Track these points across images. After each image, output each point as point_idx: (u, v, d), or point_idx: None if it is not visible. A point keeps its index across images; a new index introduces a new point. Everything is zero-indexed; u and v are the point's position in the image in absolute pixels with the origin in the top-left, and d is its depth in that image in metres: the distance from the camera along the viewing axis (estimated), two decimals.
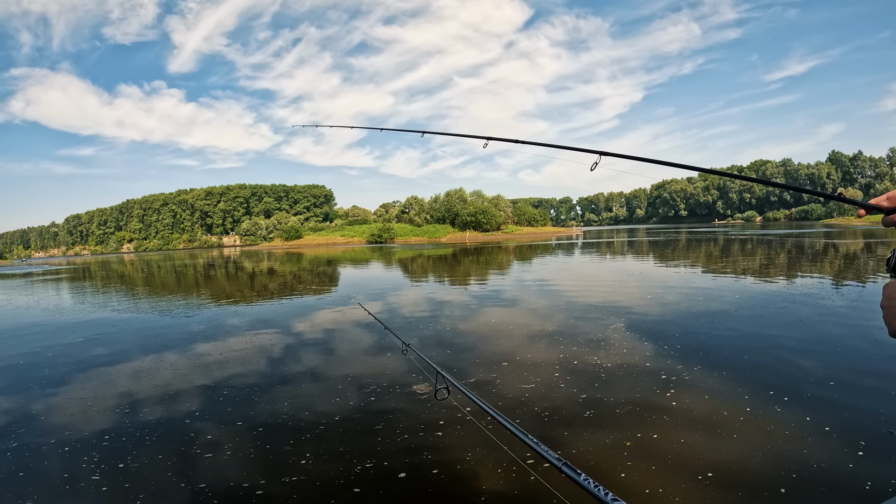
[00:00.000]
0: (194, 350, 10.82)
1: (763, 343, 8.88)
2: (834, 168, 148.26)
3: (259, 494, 4.63)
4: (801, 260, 23.05)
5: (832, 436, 5.16)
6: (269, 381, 8.20)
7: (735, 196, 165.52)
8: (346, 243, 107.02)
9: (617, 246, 46.18)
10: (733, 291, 14.65)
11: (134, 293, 25.23)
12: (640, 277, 19.42)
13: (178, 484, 4.92)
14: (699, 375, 7.27)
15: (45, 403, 7.66)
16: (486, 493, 4.45)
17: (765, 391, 6.48)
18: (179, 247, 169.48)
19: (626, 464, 4.85)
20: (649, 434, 5.43)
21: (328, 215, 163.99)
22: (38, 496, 4.76)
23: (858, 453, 4.74)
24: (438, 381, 3.28)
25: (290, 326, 12.89)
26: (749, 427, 5.46)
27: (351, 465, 5.10)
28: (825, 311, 11.23)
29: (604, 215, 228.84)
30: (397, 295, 18.47)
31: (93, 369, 9.58)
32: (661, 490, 4.37)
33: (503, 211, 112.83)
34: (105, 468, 5.30)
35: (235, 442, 5.79)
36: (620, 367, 7.83)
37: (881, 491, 4.17)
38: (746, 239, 43.05)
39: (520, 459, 4.02)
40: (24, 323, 16.18)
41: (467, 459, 5.03)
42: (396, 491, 4.58)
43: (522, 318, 12.24)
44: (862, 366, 7.38)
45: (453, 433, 5.64)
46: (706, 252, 32.00)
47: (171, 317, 15.98)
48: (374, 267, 36.33)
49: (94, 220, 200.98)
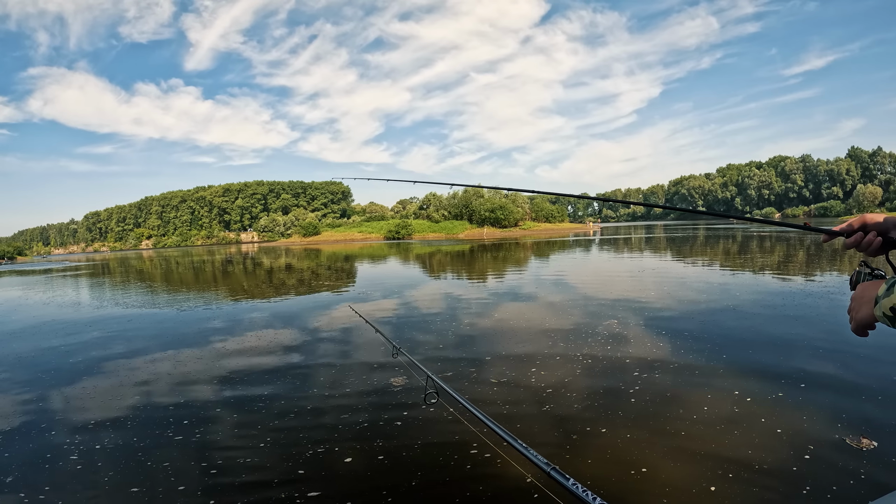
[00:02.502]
0: (205, 346, 11.03)
1: (786, 340, 8.86)
2: (853, 164, 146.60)
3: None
4: (820, 257, 22.90)
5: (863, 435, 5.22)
6: (279, 378, 8.35)
7: (754, 192, 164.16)
8: (363, 239, 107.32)
9: (634, 242, 45.93)
10: (752, 288, 14.60)
11: (152, 289, 25.51)
12: (657, 273, 19.40)
13: (192, 473, 5.08)
14: (720, 373, 7.32)
15: (64, 397, 7.88)
16: (475, 498, 4.45)
17: (789, 388, 6.52)
18: (198, 243, 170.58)
19: (641, 465, 4.92)
20: (668, 432, 5.49)
21: (346, 212, 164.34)
22: (59, 487, 4.94)
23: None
24: (428, 386, 3.32)
25: (298, 325, 13.05)
26: (774, 426, 5.51)
27: (343, 472, 5.19)
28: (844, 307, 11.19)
29: (621, 211, 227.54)
30: (414, 290, 18.59)
31: (111, 364, 9.81)
32: (680, 488, 4.46)
33: (520, 207, 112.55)
34: (122, 459, 5.49)
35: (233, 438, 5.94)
36: (638, 365, 7.89)
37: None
38: (766, 236, 42.68)
39: (514, 463, 4.06)
40: (44, 318, 16.49)
41: (456, 463, 5.03)
42: (381, 493, 4.60)
43: (538, 314, 12.32)
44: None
45: (444, 436, 5.64)
46: (724, 249, 31.80)
47: (188, 312, 16.26)
48: (392, 263, 36.38)
49: (113, 217, 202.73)
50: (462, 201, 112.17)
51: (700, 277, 17.77)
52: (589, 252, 36.70)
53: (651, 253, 32.43)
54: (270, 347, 10.41)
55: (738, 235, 47.63)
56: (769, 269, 18.96)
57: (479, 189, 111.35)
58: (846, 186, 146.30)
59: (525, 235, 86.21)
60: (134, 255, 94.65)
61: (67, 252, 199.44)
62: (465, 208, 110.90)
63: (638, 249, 36.33)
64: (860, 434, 5.03)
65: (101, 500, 4.65)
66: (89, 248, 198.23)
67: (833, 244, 23.49)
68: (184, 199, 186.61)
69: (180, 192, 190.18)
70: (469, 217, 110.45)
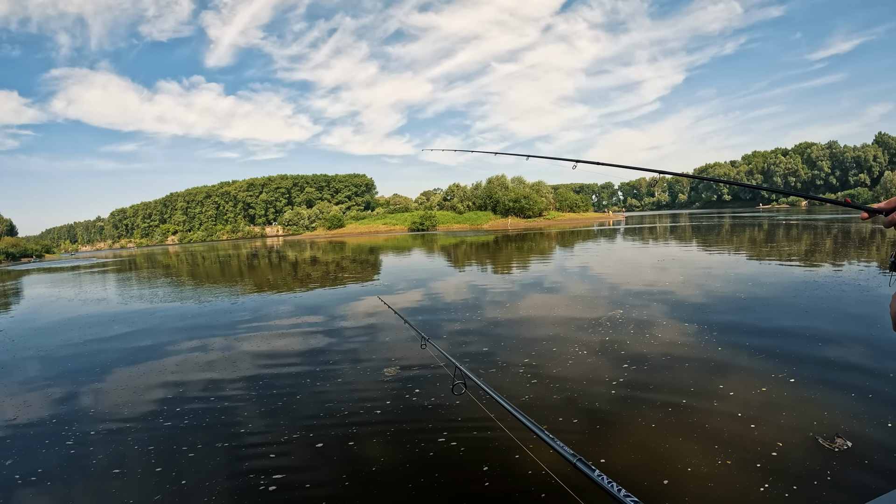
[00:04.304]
0: (232, 336, 11.21)
1: (812, 330, 8.79)
2: (881, 150, 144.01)
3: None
4: (847, 246, 22.62)
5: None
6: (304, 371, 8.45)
7: (779, 180, 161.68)
8: (388, 231, 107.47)
9: (660, 231, 45.57)
10: (780, 277, 14.48)
11: (180, 283, 25.84)
12: (684, 263, 19.28)
13: (222, 467, 5.20)
14: (747, 363, 7.32)
15: (93, 392, 8.08)
16: (501, 488, 4.51)
17: (817, 381, 6.51)
18: (223, 238, 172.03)
19: (666, 455, 4.96)
20: (693, 423, 5.52)
21: (370, 204, 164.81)
22: (90, 480, 5.09)
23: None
24: (456, 376, 3.35)
25: (326, 317, 13.17)
26: (803, 419, 5.51)
27: (367, 463, 5.28)
28: (874, 298, 11.09)
29: (646, 200, 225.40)
30: (440, 281, 18.69)
31: (139, 358, 10.04)
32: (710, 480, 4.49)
33: (545, 197, 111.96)
34: (150, 452, 5.65)
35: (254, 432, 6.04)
36: (664, 355, 7.92)
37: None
38: (792, 224, 42.18)
39: (539, 454, 4.07)
40: (73, 314, 16.82)
41: (482, 453, 5.09)
42: (407, 486, 4.68)
43: (563, 305, 12.36)
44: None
45: (470, 427, 5.70)
46: (750, 237, 31.51)
47: (213, 305, 16.51)
48: (417, 254, 36.53)
49: (139, 213, 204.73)
50: (486, 192, 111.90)
51: (729, 267, 17.66)
52: (613, 241, 36.48)
53: (677, 242, 32.19)
54: (298, 340, 10.56)
55: (765, 223, 47.01)
56: (796, 258, 18.77)
57: (503, 179, 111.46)
58: (873, 173, 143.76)
59: (549, 225, 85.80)
60: (160, 251, 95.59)
61: (94, 249, 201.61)
62: (489, 199, 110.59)
63: (663, 238, 36.08)
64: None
65: (129, 493, 4.78)
66: (116, 245, 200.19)
67: (863, 228, 23.15)
68: (208, 194, 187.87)
69: (205, 188, 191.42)
70: (493, 207, 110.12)
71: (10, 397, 8.01)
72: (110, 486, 4.89)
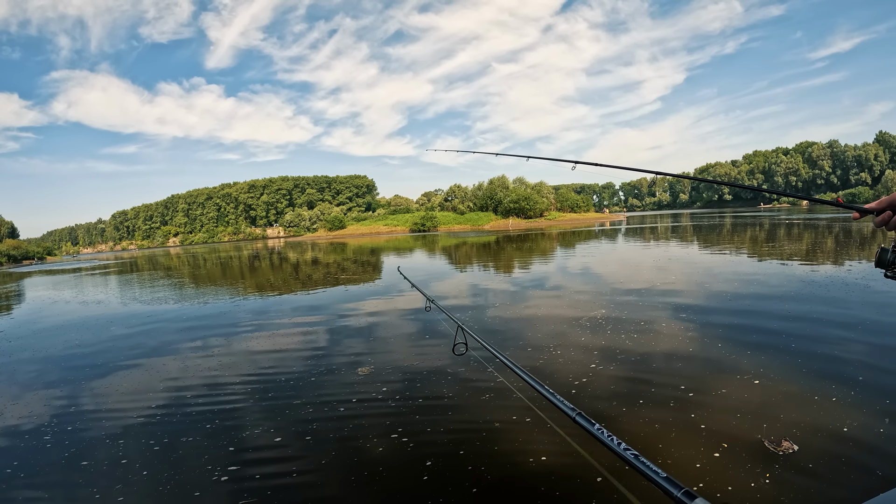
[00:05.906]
0: (235, 335, 11.19)
1: (814, 330, 8.79)
2: (882, 149, 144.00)
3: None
4: (849, 245, 22.60)
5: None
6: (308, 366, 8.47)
7: (780, 179, 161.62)
8: (389, 232, 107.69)
9: (661, 231, 45.51)
10: (781, 277, 14.48)
11: (181, 284, 25.86)
12: (685, 263, 19.28)
13: (224, 467, 5.22)
14: (748, 362, 7.32)
15: (93, 392, 8.07)
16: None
17: (819, 379, 6.51)
18: (224, 239, 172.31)
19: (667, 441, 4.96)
20: (691, 420, 5.52)
21: (371, 205, 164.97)
22: (90, 480, 5.08)
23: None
24: (458, 337, 3.34)
25: (325, 316, 13.14)
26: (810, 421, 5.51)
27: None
28: (875, 297, 11.09)
29: (647, 200, 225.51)
30: (441, 282, 18.60)
31: (141, 359, 10.01)
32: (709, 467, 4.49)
33: (546, 197, 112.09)
34: (152, 452, 5.66)
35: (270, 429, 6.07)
36: (664, 353, 7.92)
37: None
38: (794, 223, 42.16)
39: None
40: (74, 315, 16.85)
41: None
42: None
43: (564, 304, 12.34)
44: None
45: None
46: (752, 237, 31.49)
47: (213, 306, 16.48)
48: (418, 255, 36.52)
49: (140, 215, 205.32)
50: (487, 192, 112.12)
51: (730, 267, 17.65)
52: (615, 241, 36.44)
53: (678, 241, 32.14)
54: (298, 340, 10.53)
55: (766, 223, 47.00)
56: (798, 257, 18.76)
57: (504, 180, 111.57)
58: (874, 172, 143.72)
59: (550, 226, 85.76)
60: (162, 253, 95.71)
61: (96, 251, 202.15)
62: (491, 199, 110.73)
63: (664, 238, 36.03)
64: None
65: (129, 493, 4.76)
66: (117, 247, 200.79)
67: (864, 228, 23.14)
68: (210, 196, 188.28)
69: (206, 190, 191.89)
70: (494, 208, 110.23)
71: (10, 398, 8.01)
72: (110, 487, 4.89)
